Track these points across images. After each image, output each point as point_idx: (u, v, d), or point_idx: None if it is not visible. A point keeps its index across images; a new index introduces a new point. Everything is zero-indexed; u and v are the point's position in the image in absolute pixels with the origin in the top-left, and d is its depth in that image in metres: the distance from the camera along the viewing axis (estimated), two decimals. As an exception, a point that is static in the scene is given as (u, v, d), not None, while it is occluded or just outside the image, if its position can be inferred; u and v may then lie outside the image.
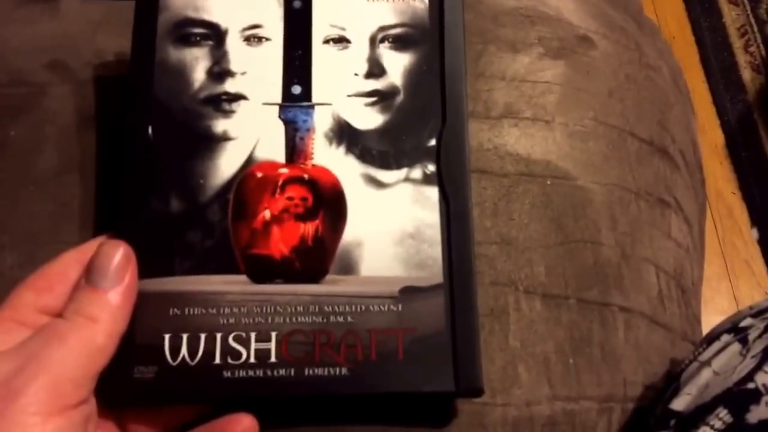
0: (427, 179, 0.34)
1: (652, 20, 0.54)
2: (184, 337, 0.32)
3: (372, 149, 0.35)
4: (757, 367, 0.33)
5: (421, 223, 0.34)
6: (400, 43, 0.36)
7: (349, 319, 0.32)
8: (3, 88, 0.39)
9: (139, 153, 0.34)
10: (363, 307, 0.32)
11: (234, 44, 0.36)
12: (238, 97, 0.35)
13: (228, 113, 0.35)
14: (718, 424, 0.32)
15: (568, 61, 0.44)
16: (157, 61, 0.35)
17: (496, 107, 0.41)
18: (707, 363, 0.36)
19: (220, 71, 0.35)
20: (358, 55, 0.36)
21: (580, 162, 0.41)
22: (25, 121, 0.38)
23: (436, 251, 0.33)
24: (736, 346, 0.36)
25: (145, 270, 0.32)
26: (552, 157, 0.41)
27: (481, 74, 0.42)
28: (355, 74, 0.36)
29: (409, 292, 0.33)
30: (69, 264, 0.30)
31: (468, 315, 0.33)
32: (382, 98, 0.35)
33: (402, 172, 0.35)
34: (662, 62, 0.50)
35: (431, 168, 0.35)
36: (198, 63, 0.35)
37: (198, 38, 0.36)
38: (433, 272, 0.33)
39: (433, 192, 0.34)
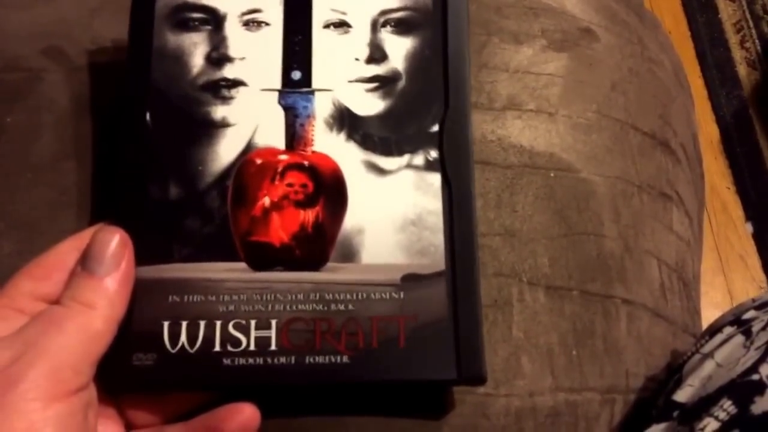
0: (429, 165, 0.34)
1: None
2: (183, 324, 0.31)
3: (373, 135, 0.34)
4: (762, 359, 0.33)
5: (423, 209, 0.33)
6: (402, 27, 0.36)
7: (350, 306, 0.32)
8: (-2, 73, 0.39)
9: (137, 139, 0.34)
10: (364, 295, 0.32)
11: (233, 29, 0.35)
12: (237, 83, 0.34)
13: (227, 99, 0.34)
14: (722, 416, 0.32)
15: (571, 53, 0.44)
16: (155, 47, 0.35)
17: (499, 99, 0.41)
18: (710, 355, 0.36)
19: (218, 57, 0.35)
20: (359, 39, 0.35)
21: (583, 154, 0.41)
22: (22, 108, 0.38)
23: (438, 238, 0.33)
24: (739, 338, 0.36)
25: (144, 257, 0.31)
26: (555, 149, 0.41)
27: (484, 65, 0.42)
28: (356, 59, 0.35)
29: (410, 279, 0.32)
30: (66, 252, 0.30)
31: (470, 302, 0.32)
32: (383, 83, 0.35)
33: (404, 159, 0.34)
34: (664, 56, 0.50)
35: (434, 154, 0.34)
36: (196, 48, 0.35)
37: (196, 23, 0.35)
38: (435, 259, 0.33)
39: (435, 178, 0.34)
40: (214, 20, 0.35)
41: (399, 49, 0.35)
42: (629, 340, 0.39)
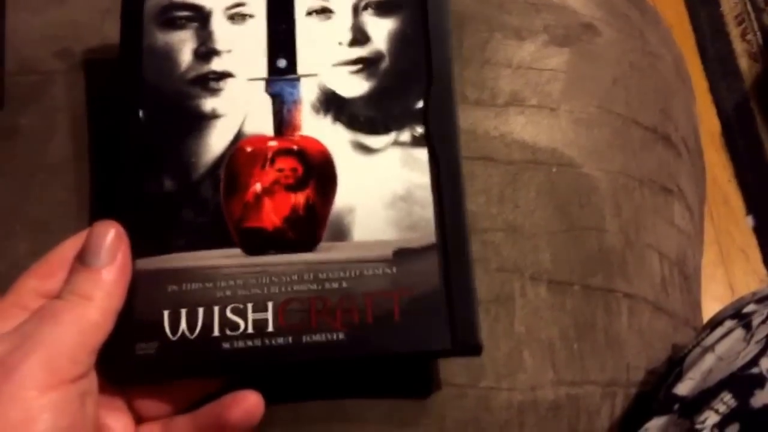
0: (416, 141, 0.34)
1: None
2: (183, 312, 0.32)
3: (359, 116, 0.35)
4: (762, 352, 0.33)
5: (412, 185, 0.34)
6: (383, 8, 0.36)
7: (344, 284, 0.32)
8: (12, 76, 0.39)
9: (132, 135, 0.34)
10: (357, 272, 0.32)
11: (218, 24, 0.36)
12: (224, 75, 0.35)
13: (215, 91, 0.35)
14: (722, 409, 0.32)
15: (573, 48, 0.44)
16: (145, 46, 0.35)
17: (501, 95, 0.42)
18: (710, 348, 0.37)
19: (206, 51, 0.35)
20: (341, 24, 0.36)
21: (585, 149, 0.42)
22: (35, 109, 0.39)
23: (428, 212, 0.33)
24: (739, 332, 0.36)
25: (142, 249, 0.32)
26: (557, 144, 0.41)
27: (486, 61, 0.42)
28: (340, 43, 0.36)
29: (402, 254, 0.33)
30: (69, 249, 0.31)
31: (462, 274, 0.33)
32: (367, 65, 0.35)
33: (390, 137, 0.35)
34: (665, 50, 0.50)
35: (420, 130, 0.35)
36: (184, 45, 0.35)
37: (183, 21, 0.36)
38: (426, 233, 0.33)
39: (422, 153, 0.34)
40: (201, 17, 0.36)
41: (381, 30, 0.36)
42: (630, 334, 0.39)
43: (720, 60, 1.23)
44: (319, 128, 0.34)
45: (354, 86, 0.35)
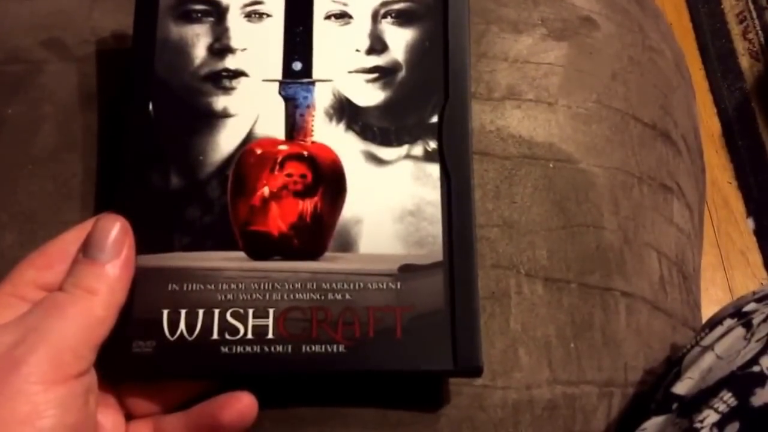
0: (428, 156, 0.34)
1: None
2: (183, 312, 0.32)
3: (373, 126, 0.34)
4: (762, 351, 0.33)
5: (422, 200, 0.34)
6: (402, 18, 0.36)
7: (347, 296, 0.32)
8: (-1, 65, 0.39)
9: (140, 129, 0.34)
10: (361, 285, 0.32)
11: (235, 20, 0.35)
12: (238, 73, 0.35)
13: (228, 90, 0.35)
14: (722, 407, 0.32)
15: (571, 42, 0.43)
16: (159, 38, 0.35)
17: (498, 88, 0.41)
18: (710, 347, 0.36)
19: (220, 48, 0.35)
20: (359, 30, 0.36)
21: (583, 145, 0.41)
22: (22, 99, 0.38)
23: (436, 229, 0.33)
24: (739, 331, 0.36)
25: (145, 245, 0.32)
26: (555, 139, 0.41)
27: (483, 55, 0.42)
28: (357, 50, 0.35)
29: (408, 269, 0.33)
30: (70, 242, 0.30)
31: (467, 293, 0.32)
32: (383, 74, 0.35)
33: (403, 149, 0.34)
34: (665, 45, 0.49)
35: (433, 145, 0.34)
36: (199, 40, 0.35)
37: (199, 15, 0.35)
38: (433, 250, 0.33)
39: (434, 169, 0.34)
40: (217, 12, 0.35)
41: (399, 40, 0.36)
42: (628, 333, 0.39)
43: (721, 59, 1.22)
44: (331, 135, 0.34)
45: (369, 95, 0.35)
